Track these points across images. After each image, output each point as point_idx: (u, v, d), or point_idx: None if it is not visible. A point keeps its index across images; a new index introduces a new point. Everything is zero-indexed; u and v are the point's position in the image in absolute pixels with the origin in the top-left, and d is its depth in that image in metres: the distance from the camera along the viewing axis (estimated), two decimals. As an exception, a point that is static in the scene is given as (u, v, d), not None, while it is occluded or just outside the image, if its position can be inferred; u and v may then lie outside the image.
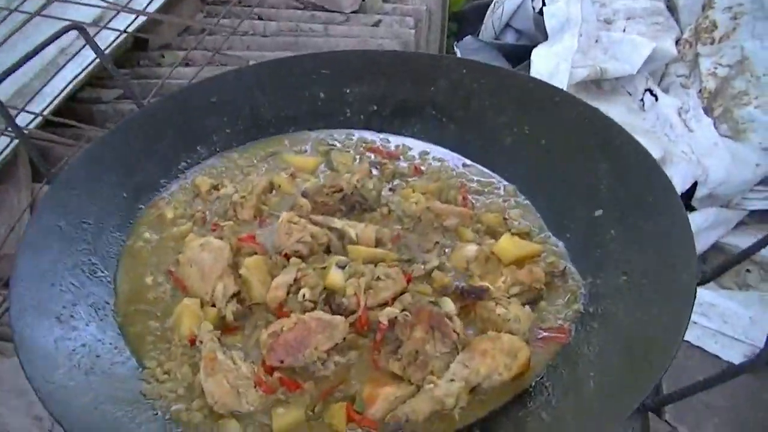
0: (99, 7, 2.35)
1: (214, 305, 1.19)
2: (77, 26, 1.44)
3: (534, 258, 1.28)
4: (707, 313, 2.46)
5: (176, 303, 1.22)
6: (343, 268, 1.18)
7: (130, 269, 1.30)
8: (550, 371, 1.12)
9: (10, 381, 1.69)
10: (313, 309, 1.15)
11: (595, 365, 1.09)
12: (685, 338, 2.41)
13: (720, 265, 1.19)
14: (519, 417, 1.05)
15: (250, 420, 1.07)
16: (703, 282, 1.16)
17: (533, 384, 1.10)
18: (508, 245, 1.27)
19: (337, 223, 1.29)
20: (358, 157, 1.51)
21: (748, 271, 2.73)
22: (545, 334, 1.16)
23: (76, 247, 1.29)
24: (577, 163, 1.37)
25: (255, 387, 1.07)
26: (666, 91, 3.12)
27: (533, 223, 1.36)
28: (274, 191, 1.43)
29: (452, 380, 1.06)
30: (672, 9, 3.65)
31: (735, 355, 2.39)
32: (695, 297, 1.09)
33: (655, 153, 2.47)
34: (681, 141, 2.71)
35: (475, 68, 1.55)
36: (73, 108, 2.20)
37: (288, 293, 1.17)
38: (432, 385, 1.05)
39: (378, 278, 1.16)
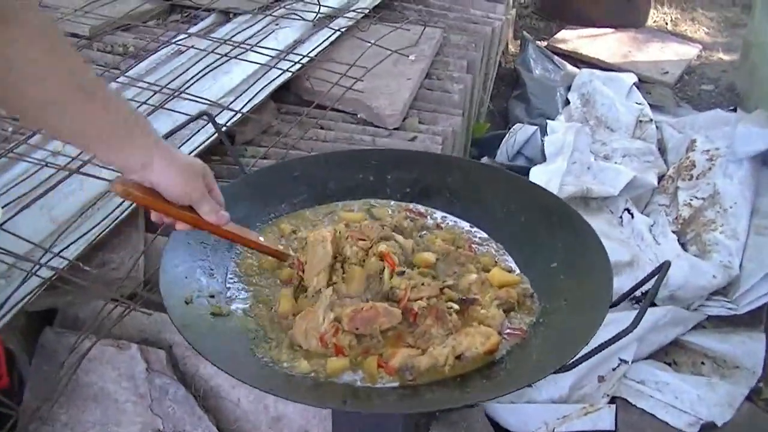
0: (206, 103, 3.09)
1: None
2: (207, 113, 2.13)
3: (514, 285, 1.84)
4: (662, 389, 2.99)
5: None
6: (401, 274, 1.76)
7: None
8: (509, 352, 1.66)
9: (124, 368, 2.27)
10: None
11: (537, 349, 1.65)
12: (640, 406, 2.98)
13: (616, 300, 1.78)
14: (485, 374, 1.61)
15: (316, 362, 1.61)
16: (613, 305, 1.75)
17: (497, 359, 1.65)
18: (497, 274, 1.85)
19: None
20: (391, 210, 2.10)
21: (702, 363, 3.27)
22: (510, 330, 1.71)
23: (200, 257, 1.83)
24: (543, 233, 1.97)
25: (317, 339, 1.64)
26: (648, 215, 3.72)
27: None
28: (336, 236, 2.02)
29: (445, 347, 1.66)
30: (662, 150, 4.28)
31: (681, 423, 2.90)
32: (607, 313, 1.68)
33: (625, 256, 3.07)
34: (649, 250, 3.30)
35: (480, 167, 2.23)
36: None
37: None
38: (431, 349, 1.65)
39: (422, 284, 1.73)
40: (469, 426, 2.47)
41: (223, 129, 2.98)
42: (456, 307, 1.74)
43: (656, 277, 1.68)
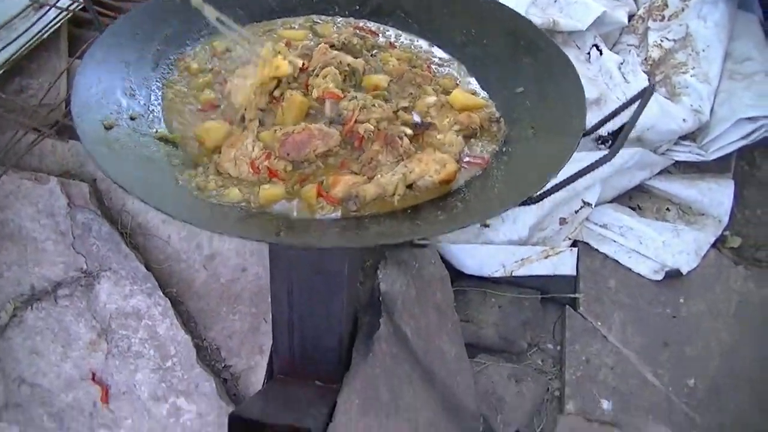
0: None
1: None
2: None
3: (478, 109, 1.65)
4: (626, 234, 2.85)
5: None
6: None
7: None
8: (468, 183, 1.48)
9: (43, 203, 2.06)
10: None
11: (500, 179, 1.47)
12: (603, 251, 2.84)
13: (590, 129, 1.59)
14: (440, 205, 1.42)
15: (249, 191, 1.42)
16: (586, 134, 1.56)
17: (454, 190, 1.47)
18: (459, 96, 1.65)
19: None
20: (336, 27, 1.88)
21: (668, 209, 3.14)
22: (470, 159, 1.53)
23: (120, 76, 1.61)
24: (509, 56, 1.77)
25: (248, 164, 1.45)
26: (616, 54, 3.49)
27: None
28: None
29: (394, 175, 1.46)
30: (632, -12, 4.01)
31: (645, 270, 2.77)
32: (580, 140, 1.49)
33: (593, 94, 2.86)
34: (617, 89, 3.10)
35: (438, -16, 1.97)
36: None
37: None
38: (379, 177, 1.45)
39: (373, 105, 1.52)
40: (421, 266, 2.30)
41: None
42: (408, 131, 1.53)
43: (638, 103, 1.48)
